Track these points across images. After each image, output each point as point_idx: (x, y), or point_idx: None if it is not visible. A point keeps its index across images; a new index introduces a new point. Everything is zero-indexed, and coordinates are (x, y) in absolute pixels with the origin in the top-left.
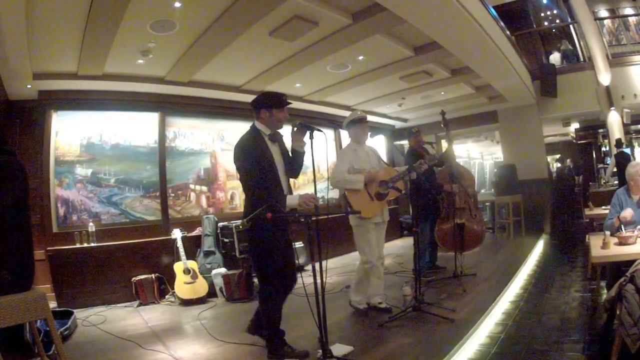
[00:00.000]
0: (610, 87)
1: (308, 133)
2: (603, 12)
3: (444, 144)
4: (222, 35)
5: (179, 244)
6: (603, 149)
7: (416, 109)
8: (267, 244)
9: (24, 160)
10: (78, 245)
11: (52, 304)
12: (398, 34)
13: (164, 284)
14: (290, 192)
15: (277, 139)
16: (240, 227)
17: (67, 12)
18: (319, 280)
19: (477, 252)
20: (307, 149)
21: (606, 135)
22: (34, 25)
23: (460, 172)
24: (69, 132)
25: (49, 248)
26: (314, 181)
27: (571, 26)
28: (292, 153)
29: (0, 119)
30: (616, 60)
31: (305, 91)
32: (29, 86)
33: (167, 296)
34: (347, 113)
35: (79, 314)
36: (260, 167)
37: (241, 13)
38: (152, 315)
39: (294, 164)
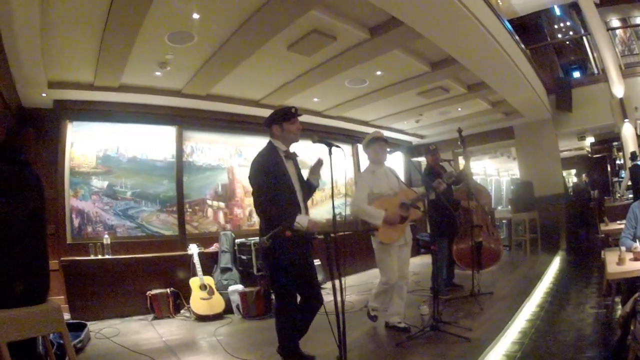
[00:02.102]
0: (623, 99)
1: (327, 149)
2: (615, 22)
3: (461, 161)
4: (241, 48)
5: (196, 259)
6: (618, 162)
7: (433, 125)
8: (283, 260)
9: (38, 169)
10: (92, 257)
11: (66, 316)
12: (415, 49)
13: (179, 299)
14: (307, 209)
15: (291, 157)
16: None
17: (83, 22)
18: (339, 299)
19: (493, 269)
20: (325, 165)
21: (620, 148)
22: (50, 34)
23: (477, 189)
24: (84, 143)
25: (62, 258)
26: (332, 198)
27: (584, 38)
28: (306, 184)
29: (13, 125)
30: (629, 71)
31: (323, 106)
32: (43, 95)
33: (182, 311)
34: (364, 128)
35: (92, 326)
36: (277, 184)
37: (260, 26)
38: (167, 330)
39: (305, 194)
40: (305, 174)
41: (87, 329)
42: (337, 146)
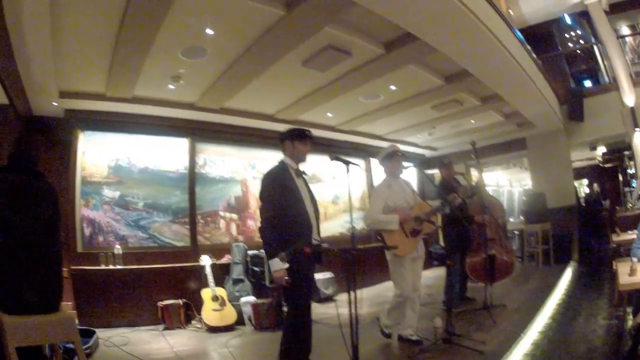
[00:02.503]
0: (635, 108)
1: (345, 167)
2: (624, 30)
3: (474, 173)
4: (255, 64)
5: (208, 270)
6: (629, 171)
7: (446, 138)
8: (300, 275)
9: (48, 178)
10: (103, 267)
11: None
12: (430, 63)
13: (191, 310)
14: (318, 225)
15: (301, 175)
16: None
17: (95, 34)
18: (349, 311)
19: (506, 282)
20: (342, 181)
21: (632, 157)
22: (61, 43)
23: (490, 202)
24: (96, 153)
25: (72, 267)
26: (350, 212)
27: (595, 46)
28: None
29: (24, 134)
30: None
31: (337, 121)
32: (54, 103)
33: (193, 322)
34: (377, 142)
35: (101, 333)
36: (288, 201)
37: (274, 43)
38: (178, 340)
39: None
40: (316, 189)
41: (96, 336)
42: (355, 164)
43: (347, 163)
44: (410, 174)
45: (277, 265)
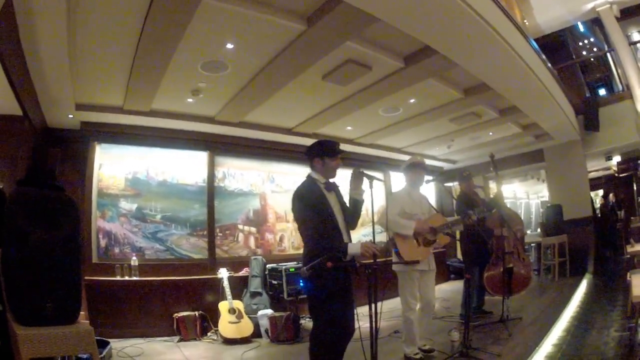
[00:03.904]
0: None
1: (367, 182)
2: (636, 35)
3: (492, 185)
4: (275, 79)
5: (225, 283)
6: None
7: (464, 150)
8: (325, 290)
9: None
10: (119, 278)
11: None
12: (449, 76)
13: (207, 322)
14: (350, 238)
15: (332, 188)
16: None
17: (113, 48)
18: (368, 324)
19: (522, 294)
20: (365, 196)
21: None
22: (78, 57)
23: (509, 215)
24: (113, 165)
25: (87, 277)
26: (372, 227)
27: (608, 54)
28: (350, 202)
29: (40, 146)
30: None
31: (356, 134)
32: (70, 116)
33: (209, 334)
34: (396, 155)
35: (115, 344)
36: (319, 215)
37: (295, 57)
38: (193, 352)
39: (352, 213)
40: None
41: (110, 346)
42: (379, 179)
43: (371, 178)
44: (428, 187)
45: (353, 248)
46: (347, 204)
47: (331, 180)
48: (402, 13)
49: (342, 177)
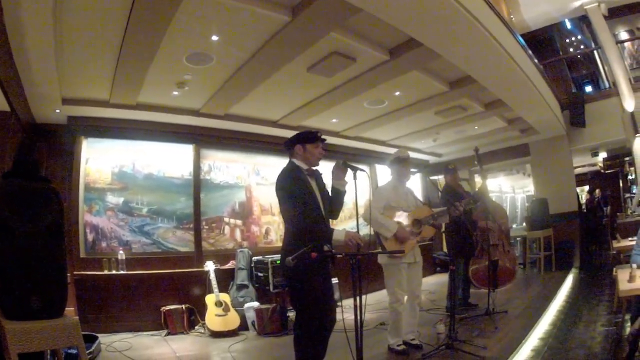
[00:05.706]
0: (634, 113)
1: (351, 173)
2: (623, 34)
3: (477, 179)
4: (260, 70)
5: (212, 276)
6: (629, 177)
7: (450, 144)
8: (308, 280)
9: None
10: (106, 272)
11: None
12: (434, 69)
13: (194, 315)
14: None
15: (314, 175)
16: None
17: (98, 41)
18: (354, 317)
19: (508, 288)
20: (348, 188)
21: (632, 163)
22: (64, 50)
23: (494, 208)
24: (100, 159)
25: (75, 272)
26: (357, 219)
27: (595, 51)
28: (332, 192)
29: (26, 141)
30: (639, 85)
31: (342, 127)
32: (57, 111)
33: (196, 327)
34: (382, 148)
35: (104, 339)
36: (301, 197)
37: (279, 49)
38: (181, 345)
39: (334, 204)
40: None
41: (98, 341)
42: (363, 170)
43: (355, 169)
44: (414, 180)
45: (338, 235)
46: (330, 194)
47: (314, 168)
48: (385, 4)
49: (326, 170)
